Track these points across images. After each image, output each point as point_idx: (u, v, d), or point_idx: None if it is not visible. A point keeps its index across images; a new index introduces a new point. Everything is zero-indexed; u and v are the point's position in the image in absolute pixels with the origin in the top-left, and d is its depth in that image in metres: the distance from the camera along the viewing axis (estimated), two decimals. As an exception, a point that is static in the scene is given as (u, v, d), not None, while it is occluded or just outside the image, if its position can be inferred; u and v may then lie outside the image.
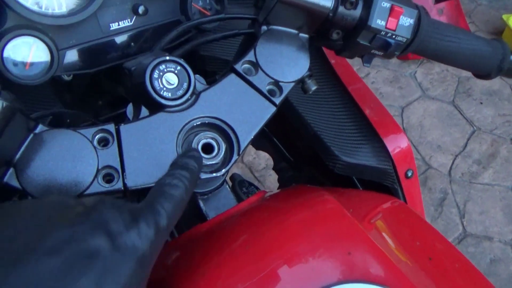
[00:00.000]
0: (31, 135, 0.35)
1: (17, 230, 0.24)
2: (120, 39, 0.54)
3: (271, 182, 1.76)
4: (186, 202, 0.31)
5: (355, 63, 2.32)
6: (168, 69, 0.40)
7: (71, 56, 0.51)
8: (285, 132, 0.75)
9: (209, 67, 0.64)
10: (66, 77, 0.55)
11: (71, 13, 0.49)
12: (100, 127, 0.38)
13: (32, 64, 0.47)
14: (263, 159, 1.86)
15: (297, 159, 0.75)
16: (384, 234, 0.43)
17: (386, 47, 0.45)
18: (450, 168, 1.90)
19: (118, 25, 0.53)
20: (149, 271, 0.27)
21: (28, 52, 0.47)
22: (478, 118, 2.10)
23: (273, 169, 0.83)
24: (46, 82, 0.48)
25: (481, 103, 2.16)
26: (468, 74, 2.32)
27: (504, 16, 2.36)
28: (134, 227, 0.26)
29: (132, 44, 0.55)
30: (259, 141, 0.80)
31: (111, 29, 0.52)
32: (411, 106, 2.14)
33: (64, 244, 0.24)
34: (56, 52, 0.48)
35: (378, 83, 2.22)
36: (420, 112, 2.12)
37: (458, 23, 2.27)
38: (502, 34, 2.45)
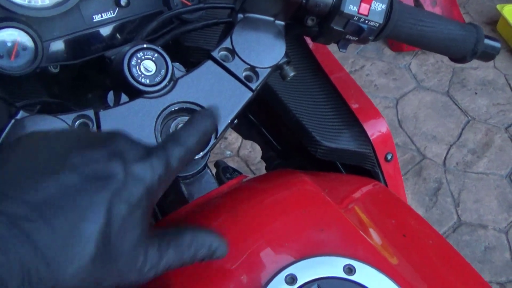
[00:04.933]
0: (12, 121, 0.36)
1: (42, 150, 0.28)
2: (103, 30, 0.55)
3: (266, 175, 1.78)
4: (195, 154, 0.34)
5: (350, 55, 2.31)
6: (145, 56, 0.41)
7: (56, 47, 0.52)
8: (272, 122, 0.76)
9: (193, 58, 0.66)
10: (53, 69, 0.56)
11: (54, 5, 0.51)
12: (80, 113, 0.39)
13: (17, 55, 0.49)
14: (259, 152, 1.87)
15: (284, 148, 0.77)
16: (358, 212, 0.44)
17: (360, 32, 0.46)
18: (445, 158, 1.92)
19: (101, 16, 0.54)
20: (155, 202, 0.31)
21: (13, 44, 0.48)
22: (472, 108, 2.11)
23: (262, 158, 0.84)
24: (33, 74, 0.50)
25: (476, 93, 2.17)
26: (463, 64, 2.31)
27: (499, 6, 2.37)
28: (147, 159, 0.29)
29: (116, 35, 0.57)
30: (247, 131, 0.82)
31: (94, 20, 0.54)
32: (406, 97, 2.15)
33: (83, 163, 0.27)
34: (40, 43, 0.49)
35: (372, 75, 2.23)
36: (415, 103, 2.13)
37: (452, 14, 2.28)
38: (496, 24, 2.46)
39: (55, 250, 0.24)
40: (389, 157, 0.58)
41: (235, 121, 0.50)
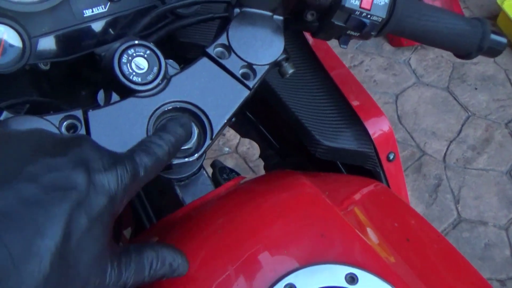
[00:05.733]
0: (-5, 122, 0.34)
1: (1, 155, 0.25)
2: (95, 26, 0.53)
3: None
4: (166, 163, 0.33)
5: (349, 50, 2.29)
6: (137, 53, 0.39)
7: (44, 43, 0.50)
8: (271, 119, 0.74)
9: (189, 54, 0.64)
10: (43, 66, 0.54)
11: (42, 0, 0.48)
12: (67, 113, 0.37)
13: (3, 52, 0.46)
14: (257, 149, 1.85)
15: (283, 146, 0.75)
16: (360, 215, 0.42)
17: (361, 28, 0.44)
18: (445, 154, 1.90)
19: (92, 11, 0.52)
20: (117, 214, 0.29)
21: (-1, 40, 0.46)
22: (472, 103, 2.09)
23: (260, 156, 0.82)
24: (22, 71, 0.48)
25: (476, 88, 2.15)
26: (463, 59, 2.31)
27: (499, 0, 2.34)
28: (113, 169, 0.28)
29: (108, 31, 0.54)
30: (245, 129, 0.80)
31: (84, 15, 0.51)
32: (406, 93, 2.13)
33: (44, 173, 0.25)
34: (28, 39, 0.47)
35: (372, 70, 2.21)
36: (415, 99, 2.11)
37: (451, 8, 2.26)
38: (497, 18, 2.44)
39: (6, 269, 0.22)
40: (391, 156, 0.56)
41: (233, 119, 0.48)
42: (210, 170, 0.62)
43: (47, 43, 0.50)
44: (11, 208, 0.23)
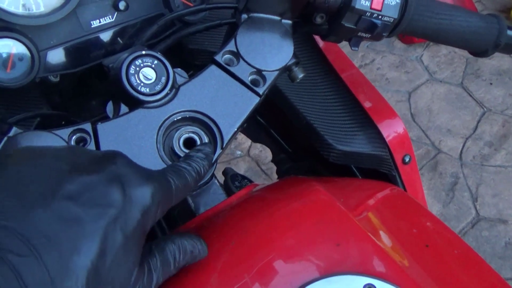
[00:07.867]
0: (5, 139, 0.34)
1: (36, 172, 0.26)
2: (103, 36, 0.53)
3: (278, 174, 1.75)
4: (191, 189, 0.35)
5: (359, 49, 2.26)
6: (144, 63, 0.39)
7: (53, 56, 0.50)
8: (282, 123, 0.73)
9: (198, 61, 0.63)
10: (53, 78, 0.54)
11: (50, 12, 0.48)
12: (76, 127, 0.37)
13: (13, 66, 0.47)
14: (270, 152, 1.84)
15: (296, 150, 0.74)
16: (377, 222, 0.41)
17: (373, 29, 0.43)
18: (461, 151, 1.86)
19: (99, 22, 0.52)
20: (151, 226, 0.30)
21: (8, 54, 0.46)
22: (488, 99, 2.05)
23: (272, 161, 0.81)
24: (32, 84, 0.48)
25: (491, 83, 2.10)
26: (478, 57, 2.27)
27: (512, -7, 2.29)
28: (147, 183, 0.29)
29: (116, 41, 0.54)
30: (256, 134, 0.79)
31: (92, 26, 0.51)
32: (419, 90, 2.09)
33: (82, 190, 0.26)
34: (36, 53, 0.47)
35: (383, 68, 2.19)
36: (428, 96, 2.07)
37: (463, 2, 2.22)
38: (510, 11, 2.39)
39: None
40: (406, 159, 0.55)
41: (244, 125, 0.47)
42: (221, 177, 0.62)
43: (56, 56, 0.50)
44: (51, 227, 0.24)
